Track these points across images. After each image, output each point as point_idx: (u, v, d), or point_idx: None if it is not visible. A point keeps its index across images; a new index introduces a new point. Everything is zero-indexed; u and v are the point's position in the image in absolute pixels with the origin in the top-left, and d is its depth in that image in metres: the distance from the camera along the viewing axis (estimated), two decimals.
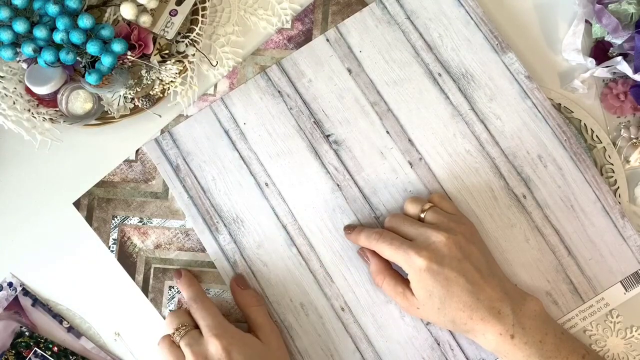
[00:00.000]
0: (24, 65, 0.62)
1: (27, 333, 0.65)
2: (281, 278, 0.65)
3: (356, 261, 0.65)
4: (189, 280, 0.63)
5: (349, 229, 0.64)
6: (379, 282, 0.61)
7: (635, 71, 0.63)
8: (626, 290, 0.63)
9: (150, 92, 0.64)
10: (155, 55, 0.63)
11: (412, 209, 0.62)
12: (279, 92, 0.67)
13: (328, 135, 0.66)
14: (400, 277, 0.60)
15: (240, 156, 0.66)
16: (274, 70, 0.67)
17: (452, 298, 0.56)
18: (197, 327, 0.60)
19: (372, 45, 0.67)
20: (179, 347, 0.58)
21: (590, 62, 0.65)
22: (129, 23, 0.63)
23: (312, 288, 0.64)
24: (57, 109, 0.64)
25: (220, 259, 0.65)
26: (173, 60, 0.64)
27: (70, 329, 0.65)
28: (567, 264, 0.64)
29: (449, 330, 0.63)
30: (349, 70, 0.67)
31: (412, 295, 0.59)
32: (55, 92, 0.63)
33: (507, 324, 0.56)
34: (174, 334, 0.59)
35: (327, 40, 0.67)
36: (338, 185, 0.66)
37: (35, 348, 0.64)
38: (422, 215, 0.61)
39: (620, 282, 0.63)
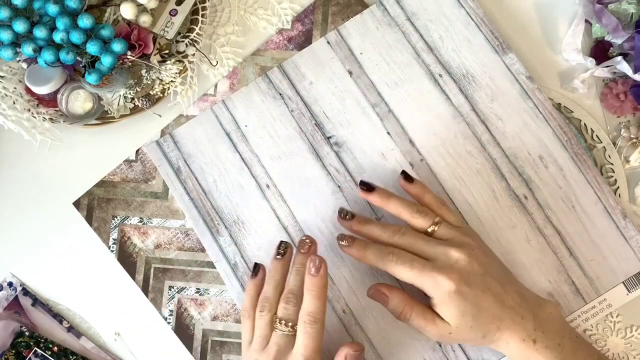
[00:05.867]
0: (24, 65, 0.61)
1: (27, 333, 0.63)
2: None
3: (357, 263, 0.62)
4: (321, 289, 0.54)
5: (345, 239, 0.58)
6: (407, 314, 0.55)
7: (635, 71, 0.61)
8: (629, 291, 0.61)
9: (150, 92, 0.63)
10: (155, 55, 0.62)
11: (421, 223, 0.57)
12: (280, 94, 0.65)
13: (329, 137, 0.64)
14: (425, 305, 0.55)
15: (242, 158, 0.65)
16: (275, 73, 0.65)
17: (482, 314, 0.53)
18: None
19: (372, 47, 0.65)
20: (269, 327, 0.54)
21: (590, 62, 0.63)
22: (129, 23, 0.61)
23: None
24: (57, 109, 0.63)
25: (220, 260, 0.63)
26: (173, 60, 0.63)
27: (70, 329, 0.64)
28: (568, 265, 0.61)
29: None
30: (350, 72, 0.65)
31: (442, 320, 0.54)
32: (55, 92, 0.62)
33: (529, 329, 0.54)
34: (280, 321, 0.54)
35: (328, 42, 0.66)
36: (339, 186, 0.64)
37: (35, 348, 0.63)
38: (431, 229, 0.56)
39: (623, 282, 0.61)
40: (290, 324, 0.53)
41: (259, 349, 0.53)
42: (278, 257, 0.57)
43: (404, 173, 0.60)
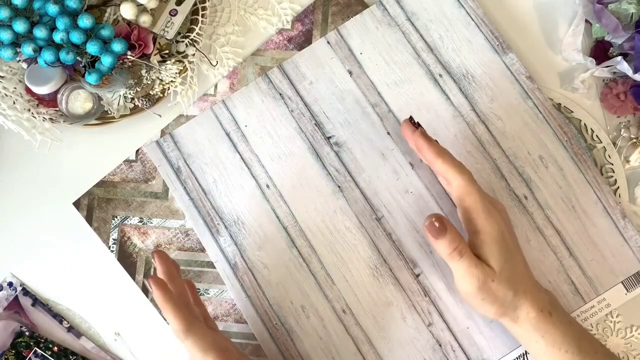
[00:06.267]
0: (24, 65, 0.61)
1: (27, 333, 0.63)
2: (282, 280, 0.62)
3: (357, 263, 0.61)
4: (163, 304, 0.51)
5: (430, 140, 0.54)
6: (462, 251, 0.52)
7: (635, 71, 0.60)
8: (627, 290, 0.60)
9: (150, 92, 0.62)
10: (155, 55, 0.61)
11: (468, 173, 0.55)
12: (280, 94, 0.64)
13: (329, 137, 0.63)
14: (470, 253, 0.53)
15: (242, 158, 0.64)
16: (275, 73, 0.65)
17: (517, 267, 0.54)
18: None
19: (372, 47, 0.64)
20: None
21: (590, 62, 0.63)
22: (129, 23, 0.61)
23: (313, 290, 0.61)
24: (57, 109, 0.62)
25: (220, 260, 0.62)
26: (173, 60, 0.62)
27: (70, 329, 0.63)
28: (568, 265, 0.61)
29: (452, 333, 0.60)
30: (350, 72, 0.64)
31: (488, 266, 0.52)
32: (55, 92, 0.62)
33: (545, 300, 0.54)
34: None
35: (328, 42, 0.65)
36: (339, 186, 0.63)
37: (35, 348, 0.62)
38: None
39: (622, 282, 0.60)
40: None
41: None
42: None
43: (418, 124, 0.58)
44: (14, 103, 0.60)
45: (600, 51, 0.63)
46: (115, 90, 0.61)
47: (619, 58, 0.61)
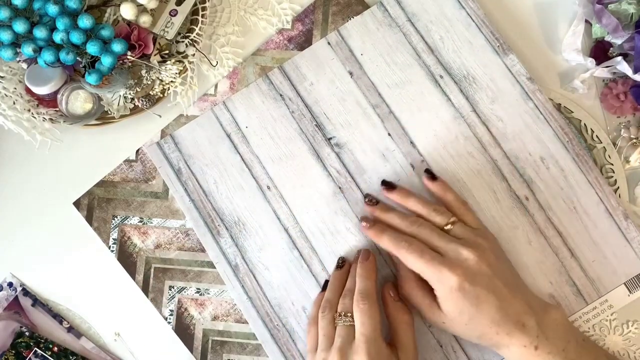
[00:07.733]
0: (24, 65, 0.59)
1: (27, 333, 0.62)
2: (283, 281, 0.61)
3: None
4: (370, 271, 0.56)
5: (366, 221, 0.59)
6: (408, 289, 0.56)
7: (635, 71, 0.59)
8: (630, 292, 0.59)
9: (150, 92, 0.61)
10: (155, 55, 0.60)
11: (438, 220, 0.57)
12: (280, 95, 0.63)
13: (330, 138, 0.62)
14: (428, 288, 0.55)
15: (242, 159, 0.63)
16: (276, 74, 0.63)
17: (481, 315, 0.53)
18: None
19: (373, 48, 0.63)
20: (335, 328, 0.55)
21: (590, 62, 0.62)
22: (129, 23, 0.60)
23: (313, 291, 0.60)
24: (57, 109, 0.61)
25: (221, 262, 0.61)
26: (173, 60, 0.61)
27: (70, 329, 0.62)
28: (570, 266, 0.59)
29: (455, 335, 0.59)
30: (351, 73, 0.63)
31: (439, 309, 0.54)
32: (55, 92, 0.61)
33: (532, 335, 0.53)
34: (340, 315, 0.54)
35: (329, 43, 0.64)
36: (340, 187, 0.62)
37: (35, 348, 0.61)
38: (447, 227, 0.56)
39: (624, 284, 0.59)
40: (349, 314, 0.54)
41: (326, 348, 0.53)
42: (337, 269, 0.59)
43: (427, 171, 0.60)
44: (14, 103, 0.59)
45: (600, 51, 0.62)
46: (115, 90, 0.60)
47: (619, 58, 0.60)
